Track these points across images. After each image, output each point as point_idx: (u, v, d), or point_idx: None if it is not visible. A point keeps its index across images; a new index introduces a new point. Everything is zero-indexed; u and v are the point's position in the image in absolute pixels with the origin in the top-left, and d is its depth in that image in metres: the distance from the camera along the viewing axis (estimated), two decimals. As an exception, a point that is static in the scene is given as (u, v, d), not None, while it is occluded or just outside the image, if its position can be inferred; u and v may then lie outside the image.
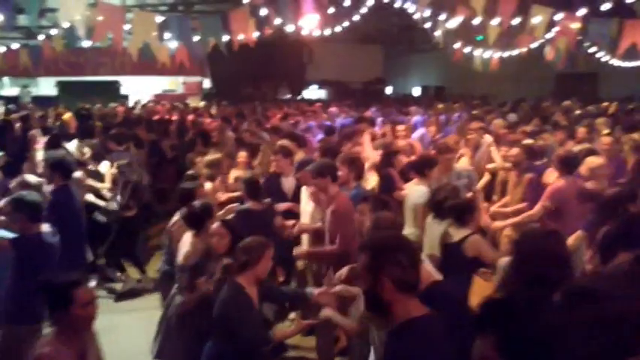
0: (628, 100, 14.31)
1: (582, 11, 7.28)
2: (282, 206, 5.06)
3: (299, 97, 22.47)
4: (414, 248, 2.12)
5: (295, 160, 5.66)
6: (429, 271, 2.58)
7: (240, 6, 7.44)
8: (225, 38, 7.77)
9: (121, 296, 6.13)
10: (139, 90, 19.51)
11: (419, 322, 1.97)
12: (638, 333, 1.83)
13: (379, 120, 10.09)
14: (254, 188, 4.82)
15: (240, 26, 7.19)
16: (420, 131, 8.75)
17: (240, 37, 7.69)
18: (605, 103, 13.55)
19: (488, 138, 6.82)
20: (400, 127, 7.52)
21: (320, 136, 8.16)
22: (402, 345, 1.98)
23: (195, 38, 8.99)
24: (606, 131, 7.38)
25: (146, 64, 14.50)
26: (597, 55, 12.82)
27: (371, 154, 6.09)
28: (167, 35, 8.47)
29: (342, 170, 4.71)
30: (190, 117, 11.79)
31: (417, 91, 25.99)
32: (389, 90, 26.51)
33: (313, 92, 25.06)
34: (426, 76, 25.72)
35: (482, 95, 18.82)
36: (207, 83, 22.15)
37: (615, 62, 13.34)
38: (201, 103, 16.78)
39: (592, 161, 4.79)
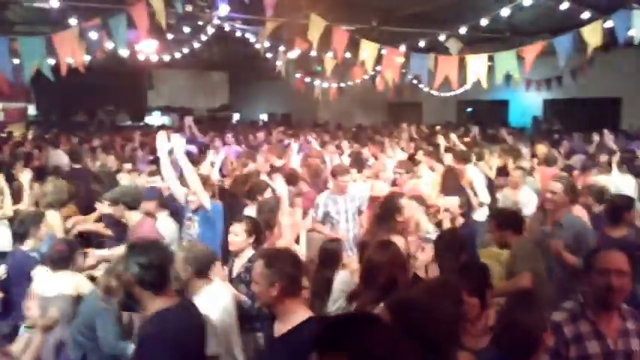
0: (448, 125, 16.25)
1: (403, 47, 8.12)
2: None
3: (141, 124, 21.44)
4: (160, 252, 2.45)
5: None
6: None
7: (67, 28, 6.90)
8: (51, 62, 7.12)
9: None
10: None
11: (160, 315, 2.32)
12: (451, 338, 2.09)
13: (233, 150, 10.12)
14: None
15: (68, 50, 6.64)
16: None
17: (69, 61, 7.11)
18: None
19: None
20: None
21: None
22: (144, 334, 2.36)
23: (16, 61, 8.10)
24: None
25: (-46, 88, 12.61)
26: (420, 87, 14.39)
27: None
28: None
29: None
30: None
31: (264, 118, 26.42)
32: (236, 116, 26.57)
33: (157, 119, 24.10)
34: (273, 103, 26.34)
35: (324, 122, 19.91)
36: (32, 110, 20.01)
37: (435, 93, 15.08)
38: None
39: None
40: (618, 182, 6.41)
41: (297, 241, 4.63)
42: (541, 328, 2.26)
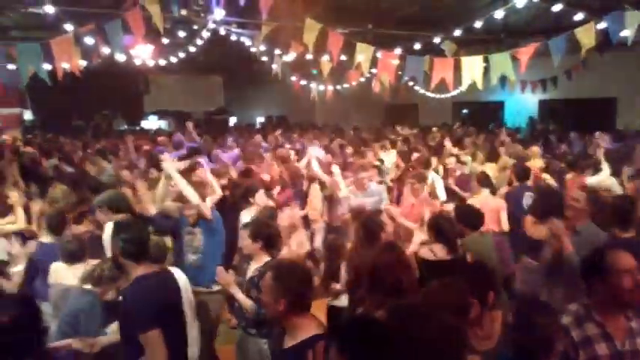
0: (444, 126, 16.30)
1: (398, 50, 8.15)
2: None
3: (137, 128, 21.44)
4: (139, 228, 2.92)
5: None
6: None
7: (62, 33, 6.91)
8: (48, 67, 7.13)
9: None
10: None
11: (140, 279, 2.81)
12: (447, 346, 2.08)
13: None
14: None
15: (64, 55, 6.65)
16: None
17: (65, 66, 7.12)
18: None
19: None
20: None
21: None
22: (127, 295, 2.83)
23: (11, 66, 8.12)
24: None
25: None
26: (416, 88, 14.44)
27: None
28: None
29: None
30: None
31: (261, 121, 26.42)
32: (233, 120, 26.57)
33: (153, 123, 24.09)
34: (269, 106, 26.37)
35: (323, 124, 19.93)
36: (28, 115, 19.99)
37: (430, 94, 15.14)
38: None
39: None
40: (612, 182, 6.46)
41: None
42: (558, 330, 2.25)
